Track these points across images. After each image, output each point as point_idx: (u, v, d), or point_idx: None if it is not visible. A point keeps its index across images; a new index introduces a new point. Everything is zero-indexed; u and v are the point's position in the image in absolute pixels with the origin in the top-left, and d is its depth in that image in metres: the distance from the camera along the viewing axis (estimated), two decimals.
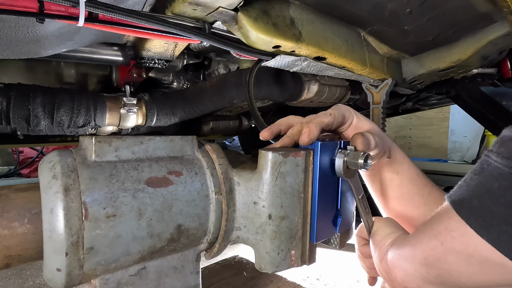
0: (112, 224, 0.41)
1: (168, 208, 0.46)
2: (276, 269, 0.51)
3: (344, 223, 0.58)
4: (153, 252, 0.46)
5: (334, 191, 0.56)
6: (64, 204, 0.39)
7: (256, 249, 0.52)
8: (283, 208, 0.50)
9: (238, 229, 0.53)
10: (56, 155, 0.43)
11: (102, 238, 0.41)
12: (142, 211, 0.44)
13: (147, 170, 0.47)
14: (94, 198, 0.41)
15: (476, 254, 0.34)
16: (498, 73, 1.27)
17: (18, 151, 3.23)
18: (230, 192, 0.52)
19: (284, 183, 0.50)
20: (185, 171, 0.50)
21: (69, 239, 0.38)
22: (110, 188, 0.42)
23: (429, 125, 3.79)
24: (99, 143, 0.44)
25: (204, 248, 0.53)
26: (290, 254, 0.52)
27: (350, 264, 1.55)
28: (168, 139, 0.51)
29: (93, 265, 0.41)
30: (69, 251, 0.39)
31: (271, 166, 0.49)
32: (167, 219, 0.46)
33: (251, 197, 0.51)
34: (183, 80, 1.31)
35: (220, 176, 0.52)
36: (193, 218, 0.48)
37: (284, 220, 0.50)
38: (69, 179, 0.40)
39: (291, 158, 0.50)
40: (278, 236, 0.50)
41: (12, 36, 0.65)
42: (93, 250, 0.40)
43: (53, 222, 0.39)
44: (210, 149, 0.55)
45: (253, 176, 0.51)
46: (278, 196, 0.50)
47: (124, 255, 0.43)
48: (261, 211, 0.50)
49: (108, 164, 0.44)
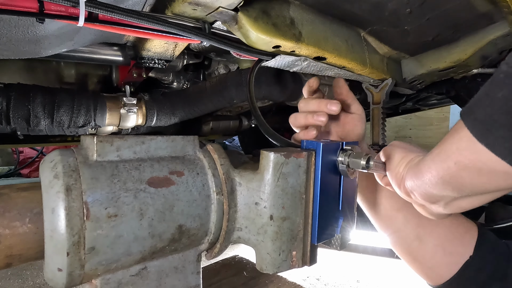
0: (113, 224, 0.41)
1: (170, 208, 0.46)
2: (277, 270, 0.51)
3: (345, 224, 0.58)
4: (154, 252, 0.46)
5: (336, 192, 0.57)
6: (66, 204, 0.39)
7: (257, 249, 0.52)
8: (284, 209, 0.50)
9: (239, 229, 0.53)
10: (58, 154, 0.43)
11: (103, 238, 0.41)
12: (143, 211, 0.44)
13: (148, 170, 0.46)
14: (96, 198, 0.41)
15: (485, 167, 0.38)
16: None
17: (18, 151, 3.23)
18: (232, 193, 0.52)
19: (286, 184, 0.50)
20: (187, 171, 0.50)
21: (71, 239, 0.38)
22: (111, 188, 0.42)
23: (429, 125, 3.79)
24: (100, 142, 0.44)
25: (205, 248, 0.53)
26: (291, 255, 0.52)
27: (350, 264, 1.55)
28: (169, 139, 0.51)
29: (94, 265, 0.41)
30: (71, 251, 0.39)
31: (273, 167, 0.49)
32: (169, 219, 0.46)
33: (253, 198, 0.51)
34: (183, 80, 1.31)
35: (221, 177, 0.52)
36: (194, 219, 0.48)
37: (286, 221, 0.50)
38: (71, 179, 0.40)
39: (293, 158, 0.50)
40: (280, 237, 0.50)
41: (12, 36, 0.65)
42: (95, 250, 0.40)
43: (54, 222, 0.39)
44: (212, 149, 0.54)
45: (255, 176, 0.51)
46: (279, 197, 0.50)
47: (125, 255, 0.43)
48: (262, 211, 0.50)
49: (109, 164, 0.44)
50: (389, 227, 0.69)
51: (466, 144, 0.39)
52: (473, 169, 0.39)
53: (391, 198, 0.67)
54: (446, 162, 0.42)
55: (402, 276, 1.76)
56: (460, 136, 0.40)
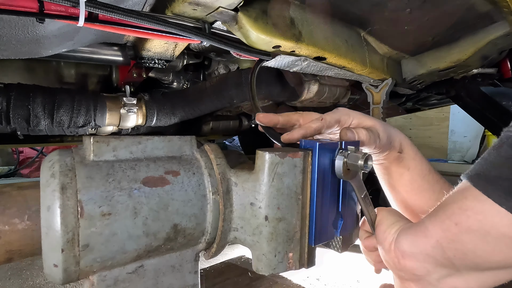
0: (107, 222, 0.42)
1: (164, 208, 0.46)
2: (273, 271, 0.51)
3: (346, 226, 0.56)
4: (150, 251, 0.46)
5: (335, 193, 0.55)
6: (61, 202, 0.40)
7: (253, 250, 0.52)
8: (280, 209, 0.50)
9: (235, 229, 0.52)
10: (57, 154, 0.44)
11: (97, 235, 0.41)
12: (137, 210, 0.44)
13: (144, 169, 0.47)
14: (90, 196, 0.41)
15: (493, 231, 0.33)
16: (498, 73, 1.27)
17: (18, 151, 3.23)
18: (227, 193, 0.52)
19: (281, 184, 0.50)
20: (183, 171, 0.50)
21: (65, 236, 0.39)
22: (106, 187, 0.43)
23: (429, 125, 3.78)
24: (97, 142, 0.45)
25: (202, 248, 0.53)
26: (288, 256, 0.51)
27: (350, 264, 1.55)
28: (166, 139, 0.51)
29: (89, 262, 0.42)
30: (65, 247, 0.39)
31: (267, 167, 0.49)
32: (163, 218, 0.46)
33: (248, 198, 0.51)
34: (183, 80, 1.31)
35: (217, 177, 0.52)
36: (190, 218, 0.49)
37: (281, 221, 0.50)
38: (66, 178, 0.41)
39: (288, 158, 0.49)
40: (275, 238, 0.50)
41: (12, 36, 0.65)
42: (89, 247, 0.41)
43: (49, 219, 0.40)
44: (209, 149, 0.55)
45: (250, 176, 0.51)
46: (274, 197, 0.49)
47: (120, 253, 0.44)
48: (257, 212, 0.50)
49: (105, 164, 0.45)
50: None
51: (472, 204, 0.34)
52: (477, 232, 0.34)
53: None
54: (445, 222, 0.37)
55: None
56: (465, 195, 0.36)
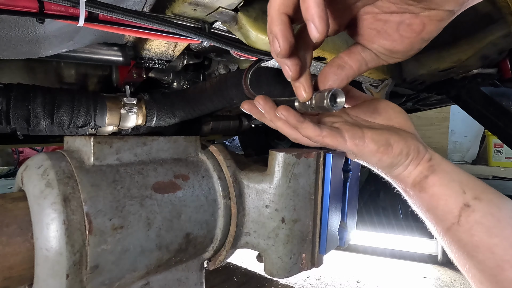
0: (119, 237, 0.36)
1: (177, 216, 0.42)
2: (288, 274, 0.49)
3: (348, 238, 0.58)
4: (159, 266, 0.42)
5: (340, 199, 0.57)
6: (64, 217, 0.33)
7: (267, 254, 0.50)
8: (296, 210, 0.48)
9: (247, 234, 0.50)
10: (46, 158, 0.37)
11: (108, 254, 0.36)
12: (150, 221, 0.39)
13: (152, 174, 0.42)
14: (99, 208, 0.35)
15: None
16: (498, 73, 1.27)
17: (18, 151, 3.23)
18: (240, 196, 0.49)
19: (297, 185, 0.48)
20: (192, 175, 0.46)
21: (71, 258, 0.33)
22: (115, 196, 0.37)
23: (429, 125, 3.79)
24: (98, 144, 0.39)
25: (208, 257, 0.50)
26: (301, 257, 0.50)
27: (350, 264, 1.55)
28: (171, 140, 0.47)
29: (96, 286, 0.36)
30: (71, 272, 0.33)
31: (284, 168, 0.47)
32: (176, 227, 0.42)
33: (263, 201, 0.49)
34: (183, 80, 1.31)
35: (228, 179, 0.49)
36: (201, 225, 0.45)
37: (297, 223, 0.49)
38: (67, 187, 0.35)
39: (303, 159, 0.48)
40: (291, 240, 0.48)
41: (12, 36, 0.65)
42: (98, 269, 0.35)
43: (50, 240, 0.33)
44: (216, 150, 0.51)
45: (264, 178, 0.49)
46: (291, 199, 0.48)
47: (130, 271, 0.39)
48: (273, 214, 0.48)
49: (109, 169, 0.39)
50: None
51: None
52: None
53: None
54: None
55: (402, 276, 1.76)
56: None
